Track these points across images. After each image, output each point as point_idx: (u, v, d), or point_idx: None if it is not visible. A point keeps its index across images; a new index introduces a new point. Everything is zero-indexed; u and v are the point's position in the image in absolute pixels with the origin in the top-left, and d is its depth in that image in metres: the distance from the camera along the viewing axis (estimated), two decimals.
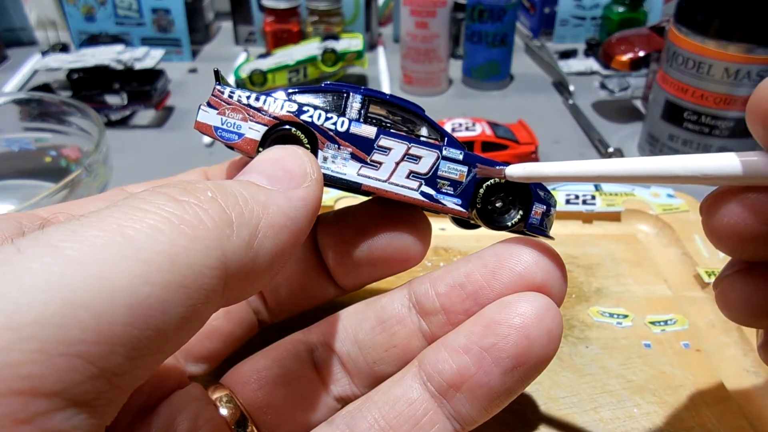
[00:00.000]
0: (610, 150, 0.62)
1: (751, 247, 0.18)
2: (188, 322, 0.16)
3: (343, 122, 0.24)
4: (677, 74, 0.54)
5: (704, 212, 0.19)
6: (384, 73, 0.84)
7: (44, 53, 0.80)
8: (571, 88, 0.77)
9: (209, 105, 0.23)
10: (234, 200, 0.18)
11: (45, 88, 0.69)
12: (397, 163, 0.24)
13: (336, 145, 0.23)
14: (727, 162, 0.17)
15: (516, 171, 0.23)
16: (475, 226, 0.26)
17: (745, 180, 0.17)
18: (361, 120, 0.24)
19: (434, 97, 0.79)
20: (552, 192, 0.26)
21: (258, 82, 0.74)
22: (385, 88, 0.79)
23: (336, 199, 0.44)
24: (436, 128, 0.24)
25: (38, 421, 0.13)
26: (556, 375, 0.32)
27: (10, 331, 0.13)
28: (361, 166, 0.24)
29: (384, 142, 0.24)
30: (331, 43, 0.76)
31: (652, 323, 0.35)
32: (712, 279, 0.38)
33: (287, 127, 0.23)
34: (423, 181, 0.24)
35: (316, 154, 0.23)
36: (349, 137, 0.24)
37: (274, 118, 0.23)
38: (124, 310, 0.14)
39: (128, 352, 0.14)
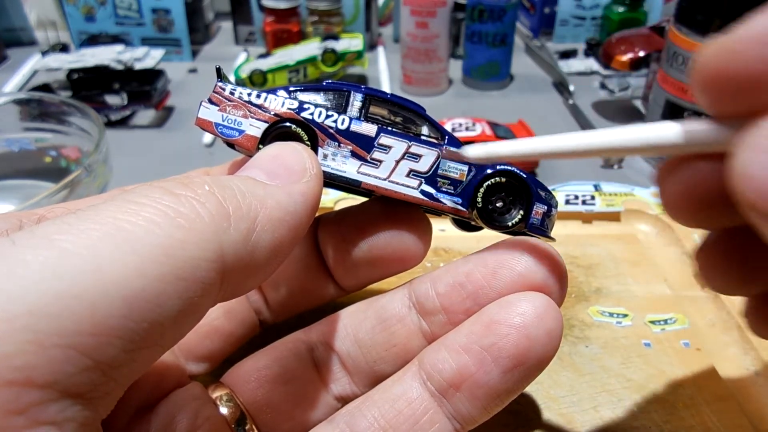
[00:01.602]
0: None
1: (704, 216, 0.18)
2: (186, 315, 0.16)
3: (343, 120, 0.24)
4: (677, 74, 0.54)
5: (658, 183, 0.19)
6: (384, 73, 0.84)
7: (44, 53, 0.80)
8: (571, 88, 0.77)
9: (210, 101, 0.23)
10: (231, 194, 0.18)
11: (45, 88, 0.69)
12: (397, 162, 0.24)
13: (336, 143, 0.23)
14: (669, 130, 0.17)
15: (477, 152, 0.22)
16: (476, 228, 0.26)
17: (689, 148, 0.17)
18: (362, 118, 0.24)
19: (434, 97, 0.79)
20: (553, 192, 0.26)
21: (258, 82, 0.74)
22: (385, 88, 0.79)
23: (336, 201, 0.44)
24: (436, 127, 0.24)
25: (32, 412, 0.13)
26: (556, 374, 0.32)
27: (3, 322, 0.13)
28: (361, 164, 0.24)
29: (384, 140, 0.24)
30: (331, 43, 0.76)
31: (652, 322, 0.35)
32: None
33: (287, 124, 0.23)
34: (423, 179, 0.24)
35: (316, 151, 0.23)
36: (349, 135, 0.24)
37: (275, 115, 0.23)
38: (120, 302, 0.14)
39: (124, 345, 0.14)
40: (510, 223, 0.24)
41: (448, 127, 0.60)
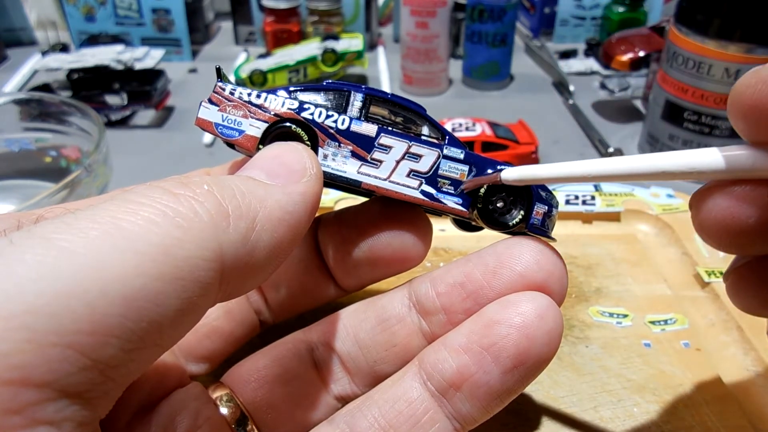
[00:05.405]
0: (611, 150, 0.62)
1: (739, 241, 0.19)
2: (184, 315, 0.15)
3: (343, 120, 0.24)
4: (677, 74, 0.54)
5: (693, 207, 0.19)
6: (384, 73, 0.84)
7: (44, 53, 0.80)
8: (571, 88, 0.77)
9: (210, 102, 0.23)
10: (231, 193, 0.18)
11: (45, 88, 0.68)
12: (398, 162, 0.24)
13: (336, 143, 0.23)
14: (709, 157, 0.17)
15: (511, 174, 0.23)
16: (476, 228, 0.26)
17: (729, 173, 0.17)
18: (362, 118, 0.24)
19: (434, 97, 0.79)
20: (553, 192, 0.26)
21: (258, 82, 0.74)
22: (385, 88, 0.79)
23: (336, 200, 0.44)
24: (437, 127, 0.24)
25: (29, 411, 0.13)
26: (556, 374, 0.32)
27: (1, 321, 0.13)
28: (362, 164, 0.24)
29: (385, 140, 0.24)
30: (331, 43, 0.76)
31: (652, 323, 0.35)
32: (712, 278, 0.38)
33: (287, 124, 0.23)
34: (423, 179, 0.24)
35: (316, 151, 0.23)
36: (349, 135, 0.23)
37: (275, 115, 0.23)
38: (118, 301, 0.14)
39: (122, 344, 0.14)
40: (511, 224, 0.24)
41: (448, 127, 0.60)
